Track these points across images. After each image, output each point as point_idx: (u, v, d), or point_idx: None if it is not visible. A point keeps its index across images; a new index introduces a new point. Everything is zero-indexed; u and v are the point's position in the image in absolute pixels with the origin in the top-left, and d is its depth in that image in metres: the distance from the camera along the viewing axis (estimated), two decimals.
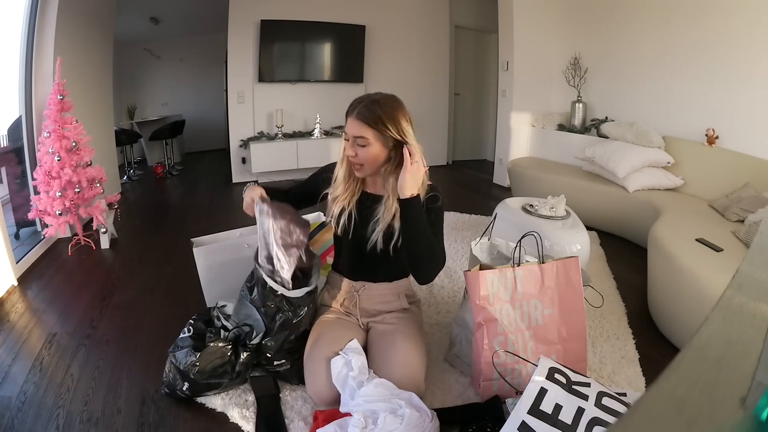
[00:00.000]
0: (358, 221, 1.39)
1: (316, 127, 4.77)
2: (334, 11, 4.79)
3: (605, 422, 1.00)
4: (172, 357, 1.39)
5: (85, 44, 3.55)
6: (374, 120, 1.27)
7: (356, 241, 1.41)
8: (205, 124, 7.19)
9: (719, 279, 1.51)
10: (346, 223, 1.39)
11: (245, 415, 1.34)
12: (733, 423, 0.32)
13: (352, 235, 1.40)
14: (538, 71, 4.33)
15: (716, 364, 0.38)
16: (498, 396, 1.36)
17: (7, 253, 2.24)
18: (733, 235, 2.03)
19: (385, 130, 1.27)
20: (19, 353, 1.71)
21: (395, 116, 1.28)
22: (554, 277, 1.41)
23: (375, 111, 1.27)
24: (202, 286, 1.80)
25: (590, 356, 1.58)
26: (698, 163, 2.90)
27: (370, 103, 1.29)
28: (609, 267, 2.48)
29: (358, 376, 1.24)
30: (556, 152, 4.00)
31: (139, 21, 5.79)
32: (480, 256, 1.75)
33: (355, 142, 1.29)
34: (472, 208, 3.54)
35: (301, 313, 1.44)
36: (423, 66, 5.36)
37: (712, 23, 2.95)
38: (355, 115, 1.29)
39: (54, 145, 2.58)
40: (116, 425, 1.33)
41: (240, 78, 4.61)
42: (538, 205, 2.34)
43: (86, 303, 2.11)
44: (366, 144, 1.28)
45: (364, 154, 1.30)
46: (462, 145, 6.04)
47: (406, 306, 1.52)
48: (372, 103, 1.29)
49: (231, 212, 3.78)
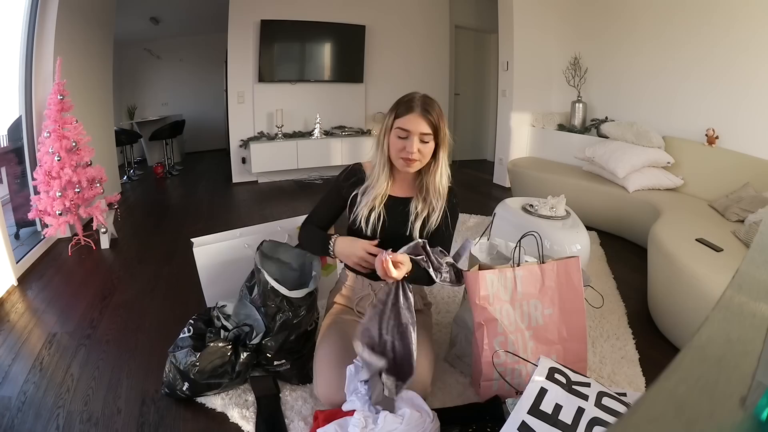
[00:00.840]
0: (387, 223, 1.40)
1: (316, 127, 4.77)
2: (334, 11, 4.79)
3: (605, 422, 1.00)
4: (172, 357, 1.39)
5: (85, 44, 3.55)
6: (436, 118, 1.32)
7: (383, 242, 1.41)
8: (205, 124, 7.19)
9: (719, 279, 1.51)
10: (375, 222, 1.39)
11: (245, 415, 1.34)
12: (733, 423, 0.32)
13: (380, 235, 1.40)
14: (538, 71, 4.33)
15: (716, 364, 0.38)
16: (498, 396, 1.36)
17: (7, 253, 2.24)
18: (733, 235, 2.03)
19: (441, 130, 1.33)
20: (19, 353, 1.71)
21: (444, 116, 1.36)
22: (554, 277, 1.41)
23: (436, 110, 1.33)
24: (202, 286, 1.80)
25: (590, 356, 1.58)
26: (698, 163, 2.90)
27: (429, 101, 1.34)
28: (609, 267, 2.48)
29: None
30: (556, 152, 4.00)
31: (139, 21, 5.79)
32: (479, 256, 1.75)
33: (421, 138, 1.32)
34: (472, 208, 3.54)
35: (302, 313, 1.43)
36: (423, 66, 5.36)
37: (713, 23, 2.95)
38: (420, 112, 1.31)
39: (54, 145, 2.57)
40: (116, 425, 1.33)
41: (240, 78, 4.61)
42: (538, 205, 2.34)
43: (86, 303, 2.11)
44: (429, 140, 1.32)
45: (426, 150, 1.33)
46: (462, 145, 6.04)
47: (420, 307, 1.54)
48: (430, 101, 1.35)
49: (231, 212, 3.79)
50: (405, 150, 1.32)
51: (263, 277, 1.42)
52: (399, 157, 1.34)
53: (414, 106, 1.31)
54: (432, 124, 1.31)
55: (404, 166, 1.35)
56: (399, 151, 1.33)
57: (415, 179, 1.43)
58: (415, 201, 1.41)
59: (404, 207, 1.41)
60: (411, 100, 1.33)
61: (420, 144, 1.32)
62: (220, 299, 1.62)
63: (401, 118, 1.32)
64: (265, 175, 4.78)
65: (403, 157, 1.33)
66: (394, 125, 1.33)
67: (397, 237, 1.39)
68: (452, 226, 1.45)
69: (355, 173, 1.47)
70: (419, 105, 1.31)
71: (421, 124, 1.30)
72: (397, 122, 1.32)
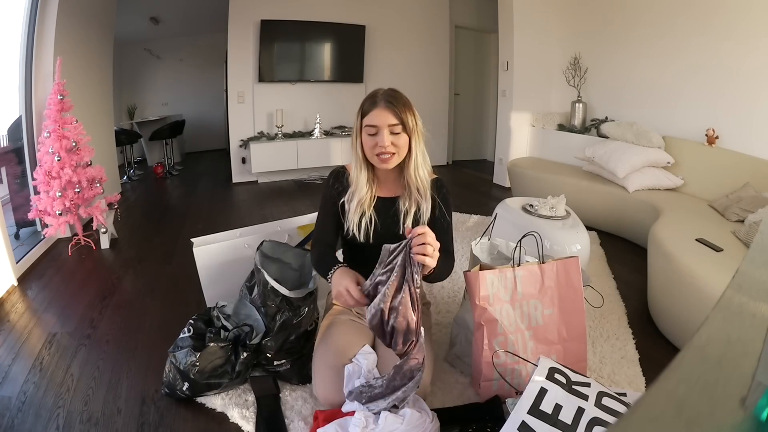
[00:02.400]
0: (380, 225, 1.38)
1: (316, 127, 4.77)
2: (334, 11, 4.79)
3: (605, 422, 1.00)
4: (172, 357, 1.39)
5: (85, 44, 3.55)
6: (402, 108, 1.30)
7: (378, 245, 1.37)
8: (205, 124, 7.19)
9: (719, 279, 1.51)
10: (368, 228, 1.37)
11: (245, 415, 1.34)
12: (733, 423, 0.32)
13: (373, 239, 1.37)
14: (538, 71, 4.32)
15: (716, 364, 0.38)
16: (498, 396, 1.36)
17: (7, 253, 2.24)
18: (733, 235, 2.03)
19: (409, 119, 1.30)
20: (19, 353, 1.71)
21: (412, 106, 1.33)
22: (554, 277, 1.41)
23: (400, 99, 1.31)
24: (202, 286, 1.80)
25: (590, 356, 1.57)
26: (698, 163, 2.90)
27: (392, 93, 1.33)
28: (609, 267, 2.48)
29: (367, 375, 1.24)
30: (556, 152, 4.00)
31: (139, 21, 5.79)
32: (480, 256, 1.74)
33: (391, 130, 1.29)
34: (472, 208, 3.54)
35: (302, 313, 1.44)
36: (423, 66, 5.36)
37: (713, 24, 2.95)
38: (385, 105, 1.29)
39: (54, 145, 2.58)
40: (116, 425, 1.33)
41: (240, 78, 4.61)
42: (538, 205, 2.33)
43: (86, 303, 2.11)
44: (399, 131, 1.30)
45: (399, 142, 1.31)
46: (462, 145, 6.05)
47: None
48: (394, 92, 1.33)
49: (231, 212, 3.79)
50: (378, 146, 1.30)
51: (263, 277, 1.42)
52: (374, 154, 1.32)
53: (378, 101, 1.30)
54: (398, 114, 1.28)
55: (381, 163, 1.32)
56: (372, 148, 1.31)
57: (399, 177, 1.40)
58: (402, 199, 1.38)
59: (394, 206, 1.39)
60: (374, 96, 1.32)
61: (391, 136, 1.29)
62: (220, 299, 1.62)
63: (368, 116, 1.31)
64: (265, 175, 4.78)
65: (377, 153, 1.30)
66: (363, 125, 1.32)
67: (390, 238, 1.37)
68: (448, 215, 1.42)
69: (339, 179, 1.43)
70: (383, 98, 1.30)
71: (387, 116, 1.28)
72: (365, 120, 1.31)
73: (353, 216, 1.37)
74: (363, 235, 1.37)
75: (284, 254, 1.68)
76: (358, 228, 1.37)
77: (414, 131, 1.32)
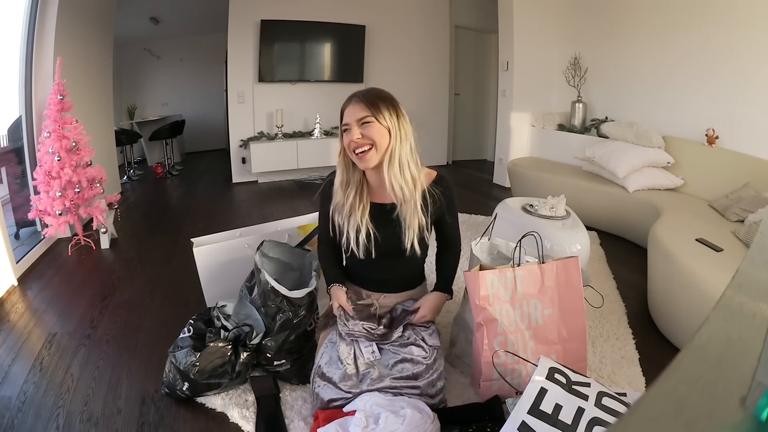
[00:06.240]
0: (380, 238, 1.33)
1: (316, 127, 4.77)
2: (334, 11, 4.79)
3: (605, 422, 1.00)
4: (172, 357, 1.39)
5: (85, 44, 3.55)
6: (374, 100, 1.28)
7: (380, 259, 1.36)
8: (205, 124, 7.19)
9: (719, 279, 1.51)
10: (367, 245, 1.32)
11: (245, 415, 1.34)
12: (733, 423, 0.32)
13: (375, 255, 1.34)
14: (538, 71, 4.32)
15: (716, 364, 0.38)
16: (498, 396, 1.36)
17: (7, 253, 2.24)
18: (733, 235, 2.03)
19: (383, 111, 1.27)
20: (19, 353, 1.71)
21: (391, 99, 1.31)
22: (554, 277, 1.41)
23: (375, 93, 1.31)
24: (202, 286, 1.80)
25: (590, 356, 1.58)
26: (698, 163, 2.90)
27: (368, 90, 1.32)
28: (609, 267, 2.48)
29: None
30: (556, 152, 4.00)
31: (139, 21, 5.79)
32: (480, 256, 1.74)
33: (359, 123, 1.26)
34: (472, 208, 3.54)
35: (302, 313, 1.43)
36: (423, 66, 5.36)
37: (714, 24, 2.95)
38: (355, 101, 1.29)
39: (54, 145, 2.58)
40: (116, 425, 1.33)
41: (240, 78, 4.61)
42: (538, 205, 2.33)
43: (86, 303, 2.11)
44: (371, 121, 1.26)
45: (372, 133, 1.26)
46: (462, 145, 6.04)
47: None
48: (371, 89, 1.33)
49: (231, 212, 3.79)
50: (351, 142, 1.27)
51: (263, 277, 1.42)
52: (353, 154, 1.29)
53: (350, 99, 1.30)
54: (367, 108, 1.25)
55: (360, 162, 1.29)
56: (348, 146, 1.29)
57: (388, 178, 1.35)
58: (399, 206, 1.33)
59: (392, 214, 1.34)
60: (349, 98, 1.32)
61: (360, 128, 1.26)
62: (220, 299, 1.62)
63: (342, 116, 1.31)
64: (265, 175, 4.78)
65: (353, 150, 1.28)
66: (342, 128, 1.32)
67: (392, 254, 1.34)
68: (453, 212, 1.41)
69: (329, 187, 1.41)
70: (355, 96, 1.30)
71: (356, 112, 1.27)
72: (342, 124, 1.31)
73: (350, 232, 1.33)
74: (363, 252, 1.34)
75: (284, 254, 1.68)
76: (357, 244, 1.33)
77: (394, 127, 1.27)
